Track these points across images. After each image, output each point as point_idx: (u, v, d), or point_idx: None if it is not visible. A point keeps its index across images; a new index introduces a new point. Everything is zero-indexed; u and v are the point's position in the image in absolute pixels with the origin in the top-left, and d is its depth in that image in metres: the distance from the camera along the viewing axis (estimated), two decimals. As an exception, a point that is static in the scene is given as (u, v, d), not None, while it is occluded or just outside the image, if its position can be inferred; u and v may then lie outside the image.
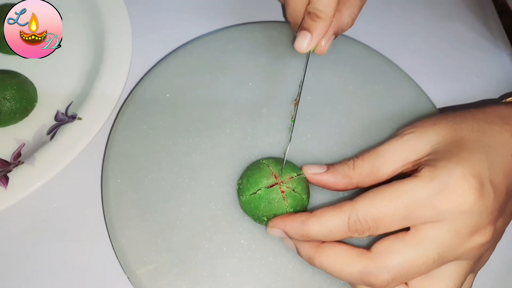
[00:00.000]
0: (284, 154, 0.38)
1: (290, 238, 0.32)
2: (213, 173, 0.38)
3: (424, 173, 0.29)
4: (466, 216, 0.29)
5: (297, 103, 0.39)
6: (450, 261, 0.30)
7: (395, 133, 0.34)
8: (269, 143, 0.39)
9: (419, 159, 0.32)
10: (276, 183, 0.34)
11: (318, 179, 0.34)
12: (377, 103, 0.42)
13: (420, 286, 0.30)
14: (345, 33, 0.46)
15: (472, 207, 0.28)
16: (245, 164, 0.38)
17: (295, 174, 0.35)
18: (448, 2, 0.52)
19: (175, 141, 0.39)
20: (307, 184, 0.36)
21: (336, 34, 0.40)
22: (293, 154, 0.39)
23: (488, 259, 0.32)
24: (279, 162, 0.36)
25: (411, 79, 0.43)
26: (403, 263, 0.29)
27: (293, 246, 0.33)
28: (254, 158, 0.38)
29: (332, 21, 0.38)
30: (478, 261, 0.31)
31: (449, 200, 0.28)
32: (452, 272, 0.30)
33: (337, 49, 0.44)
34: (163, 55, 0.45)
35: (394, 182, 0.30)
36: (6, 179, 0.37)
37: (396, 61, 0.45)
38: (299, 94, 0.39)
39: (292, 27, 0.42)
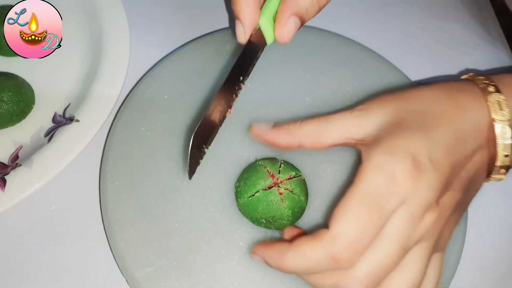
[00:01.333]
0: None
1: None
2: (211, 175, 0.38)
3: (370, 164, 0.29)
4: (414, 195, 0.29)
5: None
6: (412, 247, 0.29)
7: (351, 106, 0.34)
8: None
9: (362, 139, 0.32)
10: (274, 185, 0.34)
11: (262, 135, 0.35)
12: (375, 105, 0.42)
13: (387, 283, 0.29)
14: (345, 34, 0.46)
15: (416, 187, 0.28)
16: (244, 166, 0.38)
17: (294, 174, 0.35)
18: (446, 3, 0.52)
19: (173, 143, 0.39)
20: (305, 186, 0.36)
21: (300, 18, 0.36)
22: (292, 155, 0.38)
23: (451, 234, 0.32)
24: (275, 162, 0.36)
25: (410, 80, 0.43)
26: (372, 267, 0.28)
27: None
28: (252, 160, 0.38)
29: (258, 5, 0.35)
30: (438, 239, 0.31)
31: (400, 185, 0.28)
32: (414, 257, 0.30)
33: (335, 51, 0.44)
34: (161, 57, 0.45)
35: (351, 186, 0.29)
36: (3, 182, 0.37)
37: (394, 62, 0.45)
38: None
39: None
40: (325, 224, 0.29)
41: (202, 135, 0.33)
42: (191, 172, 0.33)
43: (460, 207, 0.32)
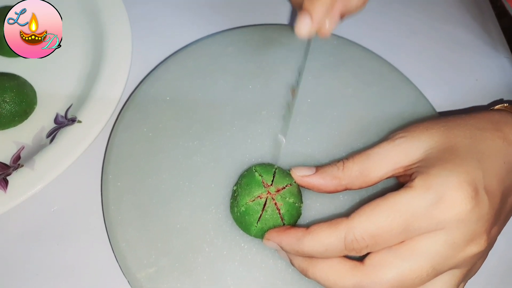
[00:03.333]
0: (281, 137, 0.37)
1: (285, 252, 0.32)
2: (213, 176, 0.38)
3: (419, 182, 0.29)
4: (463, 225, 0.28)
5: (294, 92, 0.38)
6: (444, 272, 0.29)
7: (387, 137, 0.34)
8: (269, 146, 0.39)
9: (410, 165, 0.31)
10: (267, 196, 0.34)
11: (307, 181, 0.34)
12: (376, 106, 0.42)
13: None
14: (345, 36, 0.46)
15: (469, 215, 0.28)
16: (245, 167, 0.38)
17: (286, 184, 0.35)
18: (447, 5, 0.52)
19: (175, 143, 0.39)
20: (299, 191, 0.35)
21: (343, 15, 0.37)
22: (293, 157, 0.39)
23: (480, 267, 0.32)
24: (270, 169, 0.35)
25: (411, 82, 0.43)
26: (397, 276, 0.28)
27: (286, 258, 0.33)
28: (254, 160, 0.38)
29: (335, 0, 0.36)
30: (471, 270, 0.31)
31: (446, 210, 0.28)
32: (445, 282, 0.30)
33: (336, 52, 0.44)
34: (163, 58, 0.45)
35: (389, 194, 0.29)
36: (5, 182, 0.37)
37: (395, 64, 0.45)
38: (298, 82, 0.38)
39: (294, 6, 0.39)
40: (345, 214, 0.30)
41: None
42: None
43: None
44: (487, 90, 0.46)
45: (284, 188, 0.34)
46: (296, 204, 0.34)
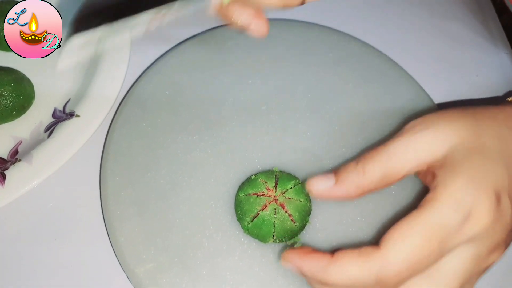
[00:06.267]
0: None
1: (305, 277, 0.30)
2: (212, 171, 0.37)
3: (447, 194, 0.27)
4: (487, 236, 0.27)
5: None
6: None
7: (403, 129, 0.31)
8: (269, 141, 0.39)
9: (435, 162, 0.29)
10: (272, 201, 0.34)
11: (328, 194, 0.31)
12: (377, 101, 0.42)
13: None
14: (346, 31, 0.46)
15: (493, 226, 0.27)
16: (245, 162, 0.38)
17: (292, 185, 0.35)
18: (447, 2, 0.52)
19: (174, 139, 0.39)
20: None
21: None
22: (294, 152, 0.38)
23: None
24: (271, 174, 0.35)
25: (411, 77, 0.43)
26: None
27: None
28: (253, 155, 0.38)
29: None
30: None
31: (475, 224, 0.27)
32: None
33: (336, 47, 0.44)
34: (162, 52, 0.45)
35: (417, 213, 0.27)
36: (3, 177, 0.37)
37: (395, 59, 0.45)
38: None
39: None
40: (374, 241, 0.28)
41: None
42: None
43: None
44: (487, 86, 0.46)
45: (288, 190, 0.34)
46: (301, 201, 0.34)
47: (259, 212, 0.33)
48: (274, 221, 0.33)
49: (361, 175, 0.30)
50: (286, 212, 0.34)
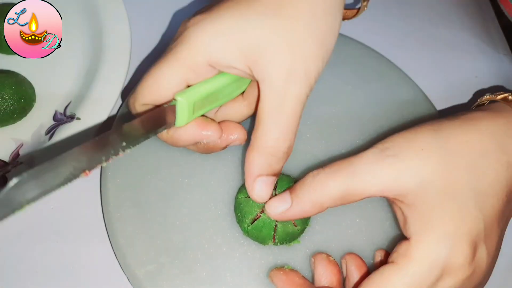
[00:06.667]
0: None
1: None
2: (212, 172, 0.38)
3: (421, 254, 0.27)
4: (463, 283, 0.28)
5: None
6: None
7: (372, 147, 0.30)
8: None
9: (402, 196, 0.28)
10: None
11: (286, 216, 0.31)
12: (376, 103, 0.42)
13: None
14: (345, 33, 0.46)
15: (469, 277, 0.28)
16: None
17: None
18: (447, 4, 0.52)
19: (174, 141, 0.39)
20: None
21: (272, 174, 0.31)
22: (293, 154, 0.38)
23: None
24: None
25: (410, 79, 0.44)
26: None
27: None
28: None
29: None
30: None
31: (449, 280, 0.27)
32: None
33: (336, 49, 0.44)
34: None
35: (390, 273, 0.28)
36: (4, 180, 0.37)
37: (394, 61, 0.45)
38: None
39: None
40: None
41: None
42: None
43: None
44: (486, 87, 0.46)
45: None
46: None
47: (260, 215, 0.33)
48: (276, 225, 0.33)
49: (318, 191, 0.29)
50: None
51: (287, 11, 0.29)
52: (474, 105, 0.36)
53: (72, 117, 0.40)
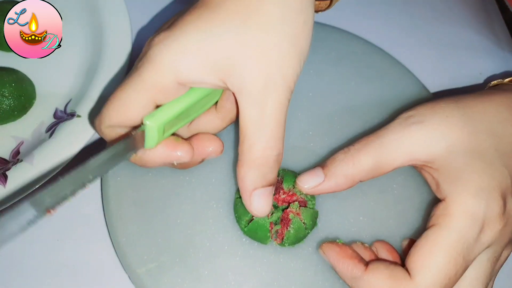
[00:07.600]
0: None
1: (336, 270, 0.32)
2: (214, 170, 0.37)
3: (459, 209, 0.28)
4: (500, 238, 0.29)
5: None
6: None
7: (396, 119, 0.31)
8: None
9: (431, 161, 0.30)
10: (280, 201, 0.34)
11: (318, 190, 0.32)
12: (379, 100, 0.41)
13: None
14: (348, 29, 0.46)
15: (504, 228, 0.29)
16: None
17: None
18: (450, 1, 0.52)
19: (176, 138, 0.39)
20: None
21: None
22: (295, 151, 0.38)
23: None
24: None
25: (414, 76, 0.43)
26: None
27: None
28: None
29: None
30: None
31: (489, 232, 0.28)
32: None
33: (338, 46, 0.44)
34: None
35: (436, 234, 0.28)
36: (4, 177, 0.37)
37: (398, 57, 0.44)
38: None
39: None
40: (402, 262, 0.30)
41: None
42: None
43: None
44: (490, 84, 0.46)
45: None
46: (313, 208, 0.34)
47: (253, 217, 0.33)
48: (290, 230, 0.33)
49: (350, 165, 0.30)
50: (301, 220, 0.33)
51: (255, 16, 0.27)
52: (486, 88, 0.38)
53: (72, 115, 0.40)
